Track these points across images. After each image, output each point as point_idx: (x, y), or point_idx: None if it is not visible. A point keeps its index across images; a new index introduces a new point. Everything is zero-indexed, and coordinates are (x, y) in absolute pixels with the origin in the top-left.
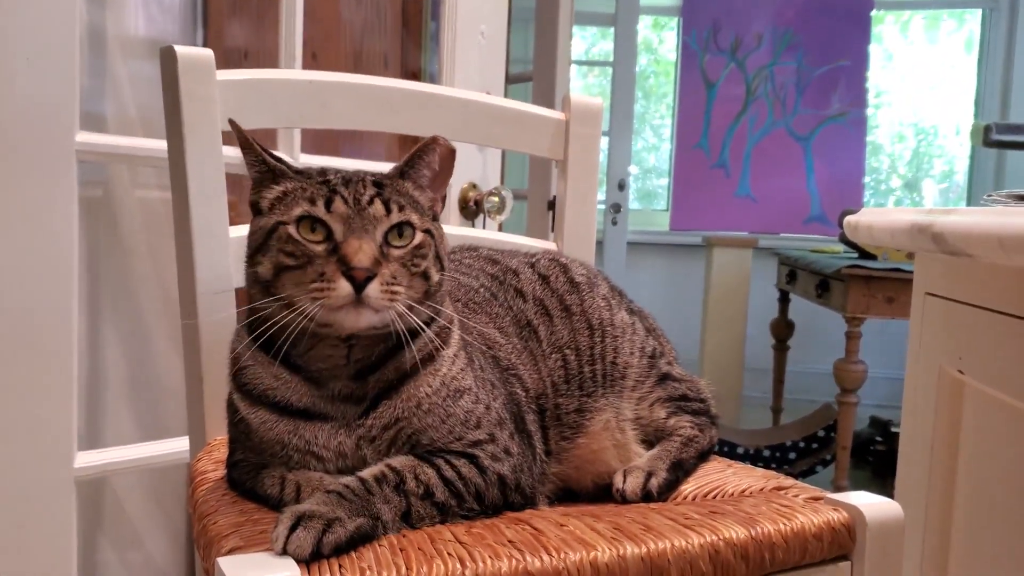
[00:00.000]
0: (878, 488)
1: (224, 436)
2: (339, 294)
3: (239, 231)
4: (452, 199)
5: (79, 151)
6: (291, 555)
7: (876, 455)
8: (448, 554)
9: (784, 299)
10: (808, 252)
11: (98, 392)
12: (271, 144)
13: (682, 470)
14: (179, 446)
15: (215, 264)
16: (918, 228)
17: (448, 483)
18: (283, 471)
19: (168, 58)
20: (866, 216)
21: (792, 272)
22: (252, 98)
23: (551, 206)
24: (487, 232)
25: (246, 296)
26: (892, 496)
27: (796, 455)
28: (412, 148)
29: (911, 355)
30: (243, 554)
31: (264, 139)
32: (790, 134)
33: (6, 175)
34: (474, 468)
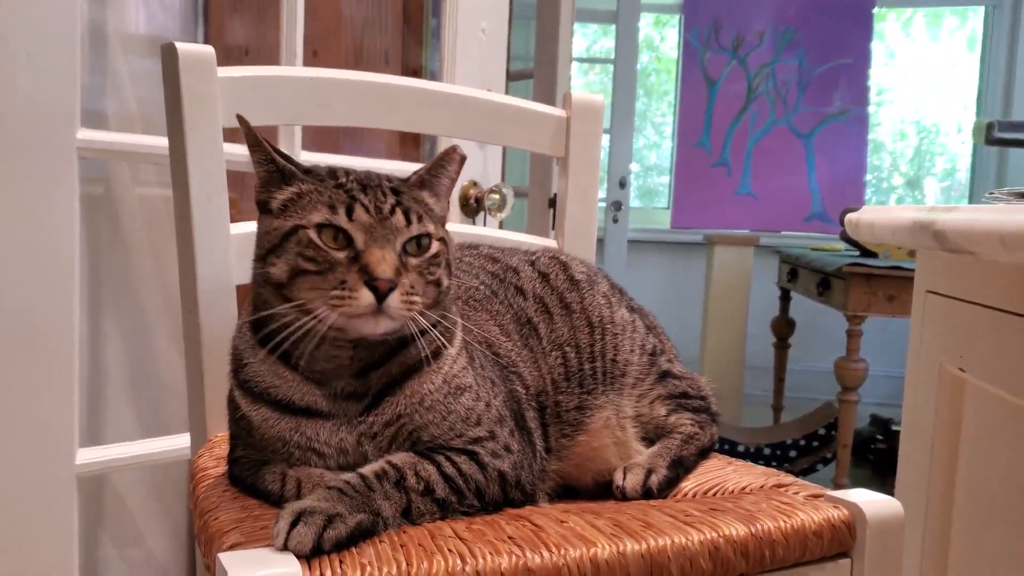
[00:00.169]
0: (878, 486)
1: (225, 432)
2: (361, 303)
3: (240, 228)
4: (453, 197)
5: (80, 148)
6: (292, 551)
7: (877, 453)
8: (448, 550)
9: (785, 297)
10: (809, 250)
11: (99, 389)
12: (271, 141)
13: (682, 467)
14: (180, 443)
15: (216, 261)
16: (919, 226)
17: (448, 479)
18: (284, 467)
19: (169, 55)
20: (867, 214)
21: (793, 270)
22: (253, 95)
23: (552, 203)
24: (488, 230)
25: (251, 293)
26: (892, 494)
27: (797, 453)
28: (434, 157)
29: (912, 353)
30: (244, 550)
31: (265, 136)
32: (791, 132)
33: (7, 172)
34: (474, 465)
